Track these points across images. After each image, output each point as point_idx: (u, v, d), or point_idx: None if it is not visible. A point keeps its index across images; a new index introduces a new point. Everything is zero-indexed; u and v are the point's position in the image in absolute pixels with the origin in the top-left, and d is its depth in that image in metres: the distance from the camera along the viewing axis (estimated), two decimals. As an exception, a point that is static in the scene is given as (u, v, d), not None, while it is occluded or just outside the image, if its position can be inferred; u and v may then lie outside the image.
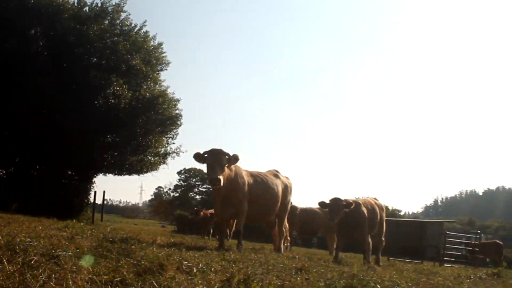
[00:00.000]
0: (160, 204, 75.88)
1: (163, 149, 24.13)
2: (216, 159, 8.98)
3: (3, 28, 19.09)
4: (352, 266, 7.93)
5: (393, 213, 53.12)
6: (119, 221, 50.14)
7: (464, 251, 22.95)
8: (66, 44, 19.81)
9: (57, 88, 18.88)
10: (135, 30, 22.29)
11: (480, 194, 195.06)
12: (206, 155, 9.16)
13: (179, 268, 4.49)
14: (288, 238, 12.09)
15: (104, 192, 22.45)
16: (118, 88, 19.73)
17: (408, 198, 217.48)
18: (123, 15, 22.10)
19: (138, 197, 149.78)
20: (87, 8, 21.61)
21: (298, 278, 4.95)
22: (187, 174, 73.61)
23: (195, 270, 4.50)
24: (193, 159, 9.47)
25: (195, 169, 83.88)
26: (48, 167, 21.67)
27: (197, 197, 69.89)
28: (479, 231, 26.96)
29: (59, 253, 4.39)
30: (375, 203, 11.38)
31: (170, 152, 24.53)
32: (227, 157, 9.09)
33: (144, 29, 22.52)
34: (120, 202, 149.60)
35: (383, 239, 11.75)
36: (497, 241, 25.41)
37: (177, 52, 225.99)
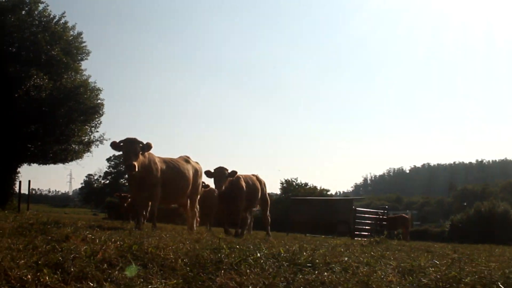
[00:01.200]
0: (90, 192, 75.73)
1: (86, 137, 24.53)
2: (130, 147, 9.83)
3: None
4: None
5: (321, 192, 55.13)
6: (48, 210, 49.14)
7: (375, 225, 24.83)
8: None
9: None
10: (54, 21, 22.49)
11: (407, 171, 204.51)
12: (121, 144, 10.01)
13: (84, 239, 5.47)
14: (198, 219, 13.03)
15: (29, 181, 22.56)
16: (38, 80, 19.96)
17: (339, 178, 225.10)
18: (41, 6, 22.25)
19: (67, 186, 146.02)
20: (3, -2, 21.53)
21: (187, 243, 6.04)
22: (117, 161, 73.46)
23: (97, 241, 5.47)
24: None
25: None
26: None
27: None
28: (386, 207, 29.13)
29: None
30: (257, 178, 12.16)
31: (94, 140, 25.01)
32: (141, 145, 9.96)
33: (63, 20, 22.83)
34: (49, 191, 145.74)
35: (268, 214, 12.56)
36: (404, 215, 27.75)
37: (101, 41, 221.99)
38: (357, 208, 25.29)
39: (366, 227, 24.19)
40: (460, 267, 4.91)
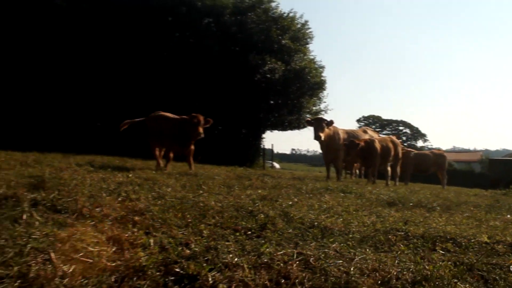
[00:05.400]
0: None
1: (314, 108, 29.61)
2: (318, 123, 13.95)
3: (175, 23, 25.26)
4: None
5: None
6: (299, 169, 55.62)
7: None
8: (230, 33, 25.95)
9: (224, 70, 25.14)
10: (284, 16, 27.70)
11: None
12: (312, 121, 14.21)
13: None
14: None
15: (272, 145, 28.86)
16: (272, 65, 25.37)
17: None
18: (273, 4, 27.68)
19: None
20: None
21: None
22: (366, 121, 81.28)
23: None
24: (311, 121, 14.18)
25: (373, 116, 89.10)
26: (226, 127, 28.13)
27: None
28: None
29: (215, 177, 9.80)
30: (391, 140, 15.13)
31: (320, 110, 30.08)
32: (325, 122, 13.99)
33: (291, 14, 27.92)
34: (307, 151, 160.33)
35: (397, 169, 15.55)
36: None
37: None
38: None
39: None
40: None
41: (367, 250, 3.57)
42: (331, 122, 13.97)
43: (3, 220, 3.48)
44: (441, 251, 3.78)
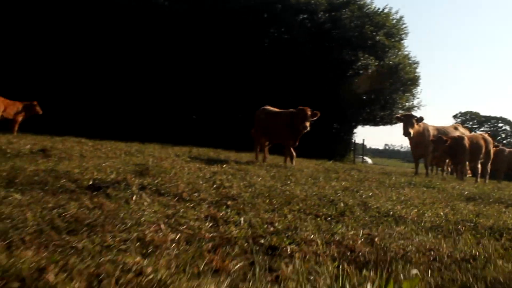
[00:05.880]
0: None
1: (407, 104, 29.30)
2: (408, 120, 14.12)
3: (270, 20, 26.17)
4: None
5: None
6: (393, 164, 54.64)
7: None
8: (324, 30, 26.39)
9: (317, 67, 25.61)
10: (378, 12, 27.66)
11: None
12: (402, 118, 14.45)
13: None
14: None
15: (363, 140, 29.16)
16: (365, 61, 25.56)
17: None
18: (368, 0, 27.81)
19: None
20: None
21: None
22: (463, 118, 78.16)
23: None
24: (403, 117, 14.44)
25: (470, 112, 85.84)
26: (317, 122, 28.50)
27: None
28: None
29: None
30: (482, 137, 14.82)
31: (413, 106, 29.65)
32: (415, 118, 14.18)
33: (385, 10, 27.80)
34: (401, 147, 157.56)
35: (488, 167, 15.09)
36: None
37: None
38: None
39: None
40: None
41: (429, 235, 4.07)
42: (421, 119, 14.12)
43: (117, 199, 4.34)
44: (506, 242, 4.12)
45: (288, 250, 3.20)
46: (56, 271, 2.24)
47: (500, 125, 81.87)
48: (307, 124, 10.84)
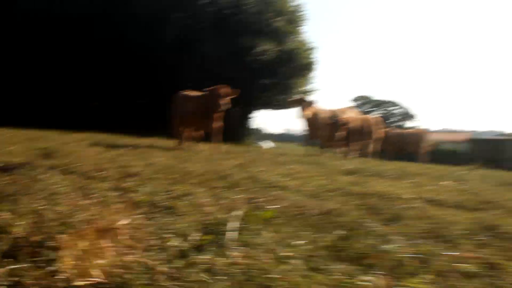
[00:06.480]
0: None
1: (302, 88, 30.93)
2: (299, 103, 15.26)
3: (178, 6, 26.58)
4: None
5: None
6: (285, 147, 56.44)
7: None
8: (225, 16, 27.17)
9: (220, 51, 26.33)
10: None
11: None
12: (294, 101, 15.61)
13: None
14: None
15: (262, 124, 30.60)
16: (265, 47, 26.64)
17: None
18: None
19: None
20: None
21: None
22: (359, 102, 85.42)
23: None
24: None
25: (362, 96, 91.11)
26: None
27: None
28: None
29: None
30: (370, 119, 16.80)
31: (308, 90, 31.45)
32: (307, 102, 15.31)
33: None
34: (301, 132, 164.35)
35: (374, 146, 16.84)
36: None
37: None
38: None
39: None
40: None
41: (304, 197, 4.92)
42: (311, 102, 15.36)
43: (30, 177, 4.66)
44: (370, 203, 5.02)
45: (184, 210, 3.78)
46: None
47: (391, 108, 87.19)
48: (223, 102, 11.22)
